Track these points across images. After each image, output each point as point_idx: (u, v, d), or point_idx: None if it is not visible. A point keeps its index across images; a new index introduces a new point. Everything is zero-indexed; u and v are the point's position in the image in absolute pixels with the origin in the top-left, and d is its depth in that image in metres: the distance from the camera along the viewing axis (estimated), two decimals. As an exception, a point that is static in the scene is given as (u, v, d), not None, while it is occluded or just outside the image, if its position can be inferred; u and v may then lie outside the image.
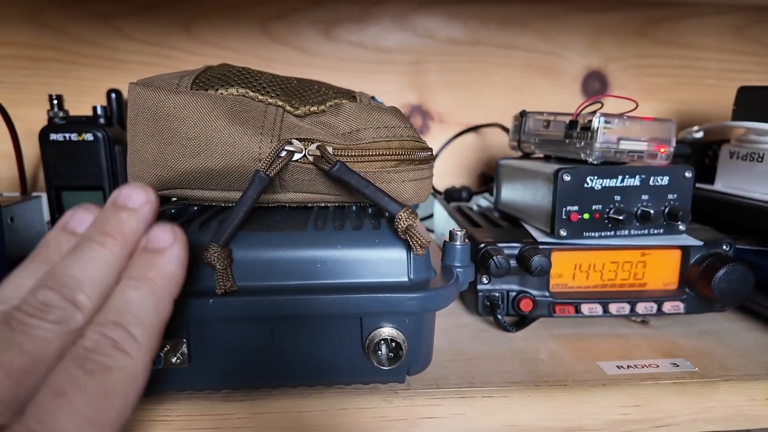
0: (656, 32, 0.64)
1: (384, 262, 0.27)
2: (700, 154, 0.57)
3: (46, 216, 0.57)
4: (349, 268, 0.27)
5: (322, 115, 0.31)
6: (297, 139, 0.29)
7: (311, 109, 0.31)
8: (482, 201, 0.56)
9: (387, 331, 0.27)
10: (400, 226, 0.26)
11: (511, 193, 0.44)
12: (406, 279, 0.27)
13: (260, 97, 0.31)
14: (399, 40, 0.61)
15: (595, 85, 0.64)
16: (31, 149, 0.60)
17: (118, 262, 0.22)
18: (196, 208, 0.33)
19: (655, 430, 0.29)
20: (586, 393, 0.29)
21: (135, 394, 0.20)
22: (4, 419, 0.17)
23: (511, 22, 0.62)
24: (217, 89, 0.31)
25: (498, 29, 0.62)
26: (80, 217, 0.23)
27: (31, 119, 0.59)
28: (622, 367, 0.32)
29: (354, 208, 0.33)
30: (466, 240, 0.31)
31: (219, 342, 0.27)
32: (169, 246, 0.22)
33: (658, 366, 0.32)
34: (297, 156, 0.29)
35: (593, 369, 0.31)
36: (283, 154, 0.29)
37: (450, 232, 0.31)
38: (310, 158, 0.29)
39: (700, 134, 0.54)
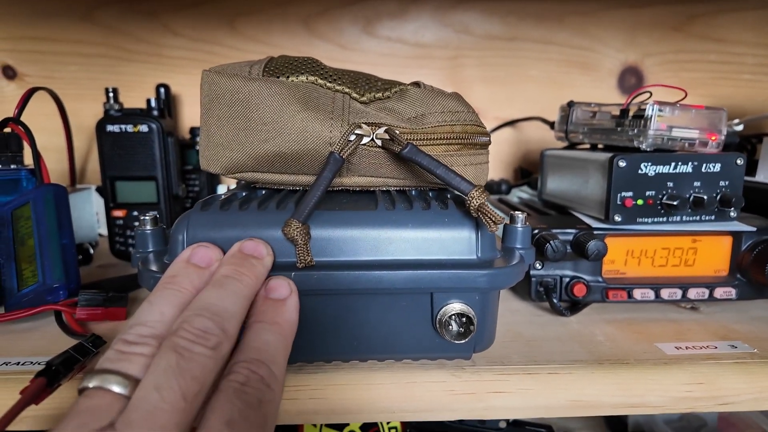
0: (693, 27, 0.64)
1: (453, 241, 0.28)
2: (740, 148, 0.57)
3: (95, 206, 0.59)
4: (420, 246, 0.28)
5: (387, 101, 0.32)
6: (365, 123, 0.30)
7: (376, 96, 0.32)
8: (522, 194, 0.57)
9: (458, 306, 0.28)
10: (472, 204, 0.27)
11: (558, 182, 0.45)
12: (474, 257, 0.28)
13: (328, 84, 0.32)
14: (437, 36, 0.62)
15: (632, 80, 0.64)
16: (80, 143, 0.62)
17: (250, 299, 0.25)
18: (264, 191, 0.34)
19: (718, 408, 0.29)
20: (648, 371, 0.29)
21: (275, 424, 0.23)
22: None
23: (547, 18, 0.62)
24: (288, 77, 0.32)
25: (535, 24, 0.63)
26: (203, 254, 0.26)
27: (81, 114, 0.61)
28: (680, 348, 0.32)
29: (414, 192, 0.34)
30: (527, 223, 0.32)
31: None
32: (288, 296, 0.26)
33: (716, 347, 0.32)
34: (365, 140, 0.30)
35: (652, 349, 0.32)
36: (353, 137, 0.30)
37: (511, 215, 0.32)
38: (378, 142, 0.30)
39: (740, 127, 0.54)
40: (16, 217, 0.37)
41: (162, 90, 0.56)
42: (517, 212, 0.32)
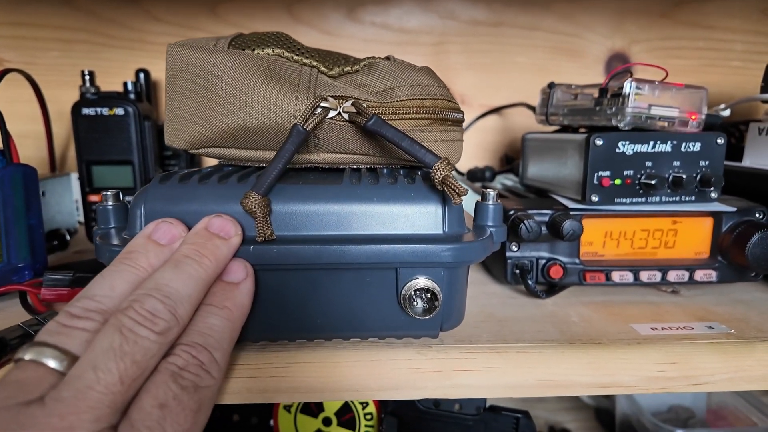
0: (680, 14, 0.63)
1: (419, 216, 0.28)
2: (726, 134, 0.56)
3: (75, 194, 0.58)
4: (385, 221, 0.27)
5: (355, 75, 0.32)
6: (332, 96, 0.30)
7: (345, 69, 0.32)
8: (506, 180, 0.56)
9: (423, 281, 0.27)
10: (437, 176, 0.26)
11: (539, 166, 0.44)
12: (441, 232, 0.28)
13: (295, 57, 0.32)
14: (422, 22, 0.62)
15: (619, 67, 0.63)
16: (59, 129, 0.62)
17: (209, 283, 0.24)
18: (231, 167, 0.33)
19: (692, 388, 0.28)
20: (621, 350, 0.29)
21: (211, 410, 0.23)
22: (115, 420, 0.19)
23: (534, 4, 0.62)
24: (254, 49, 0.31)
25: (521, 10, 0.62)
26: (165, 230, 0.25)
27: (62, 100, 0.60)
28: (656, 328, 0.31)
29: (385, 170, 0.33)
30: (498, 200, 0.31)
31: (257, 293, 0.27)
32: (243, 280, 0.25)
33: (693, 328, 0.32)
34: (332, 113, 0.30)
35: (626, 330, 0.31)
36: (318, 110, 0.29)
37: (482, 192, 0.31)
38: (345, 116, 0.30)
39: (727, 112, 0.53)
40: (-18, 198, 0.37)
41: (141, 75, 0.55)
42: (488, 189, 0.31)
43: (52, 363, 0.19)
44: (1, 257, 0.35)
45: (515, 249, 0.37)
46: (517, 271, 0.37)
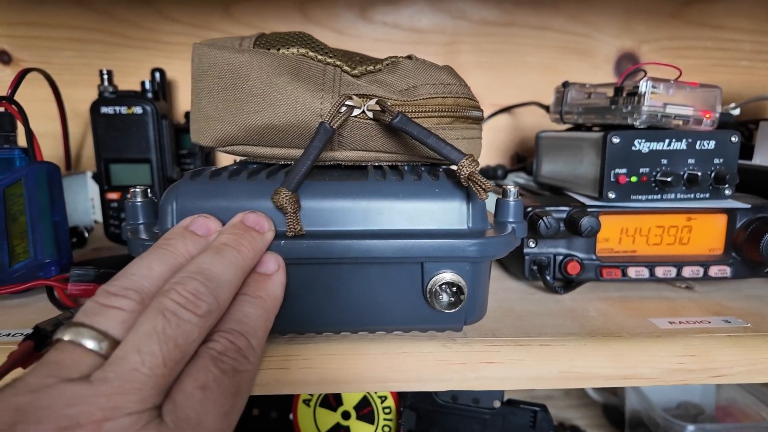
0: (689, 14, 0.64)
1: (444, 212, 0.28)
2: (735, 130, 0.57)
3: (90, 192, 0.59)
4: (411, 217, 0.28)
5: (378, 74, 0.32)
6: (356, 95, 0.30)
7: (367, 68, 0.32)
8: (518, 179, 0.57)
9: (449, 276, 0.27)
10: (463, 172, 0.27)
11: (553, 164, 0.45)
12: (465, 227, 0.28)
13: (319, 57, 0.32)
14: (433, 21, 0.62)
15: (628, 67, 0.64)
16: (75, 129, 0.62)
17: (246, 271, 0.25)
18: (255, 165, 0.34)
19: (711, 380, 0.29)
20: (640, 343, 0.29)
21: (249, 394, 0.23)
22: (159, 401, 0.19)
23: (544, 4, 0.62)
24: (279, 49, 0.32)
25: (531, 11, 0.62)
26: (202, 223, 0.26)
27: (76, 99, 0.61)
28: (673, 322, 0.32)
29: (407, 168, 0.33)
30: (519, 197, 0.31)
31: (286, 287, 0.28)
32: (275, 271, 0.26)
33: (710, 322, 0.32)
34: (356, 112, 0.30)
35: (645, 324, 0.32)
36: (343, 109, 0.30)
37: (503, 189, 0.32)
38: (369, 114, 0.30)
39: (737, 111, 0.54)
40: (9, 194, 0.37)
41: (157, 74, 0.56)
42: (508, 186, 0.31)
43: (89, 344, 0.20)
44: (28, 253, 0.36)
45: (533, 245, 0.38)
46: (535, 267, 0.38)
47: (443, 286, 0.28)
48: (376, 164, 0.34)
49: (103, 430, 0.17)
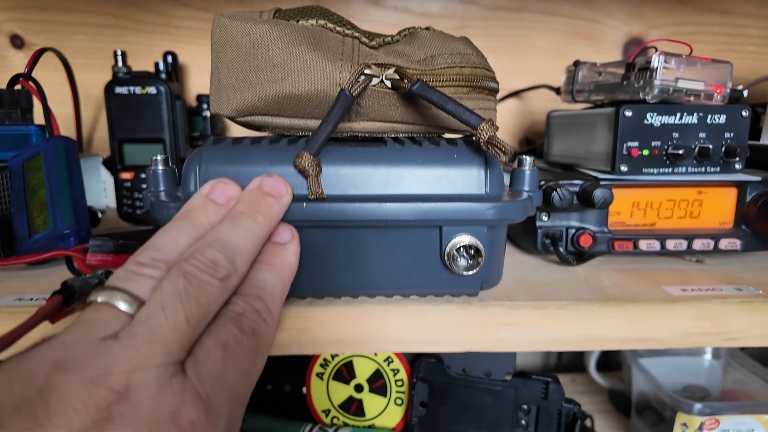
0: (697, -1, 0.65)
1: (462, 177, 0.29)
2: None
3: (102, 176, 0.59)
4: (429, 182, 0.28)
5: (396, 45, 0.33)
6: (375, 64, 0.31)
7: (385, 39, 0.33)
8: (526, 161, 0.57)
9: (467, 238, 0.28)
10: (482, 136, 0.27)
11: (564, 142, 0.45)
12: (483, 193, 0.29)
13: (338, 28, 0.33)
14: (443, 6, 0.63)
15: (645, 43, 0.64)
16: (86, 113, 0.63)
17: (262, 240, 0.25)
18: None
19: (725, 343, 0.29)
20: (655, 308, 0.30)
21: (267, 356, 0.24)
22: (182, 356, 0.20)
23: (552, -11, 0.63)
24: (298, 20, 0.32)
25: (540, -4, 0.63)
26: (222, 190, 0.26)
27: (89, 83, 0.61)
28: (686, 290, 0.32)
29: (423, 138, 0.34)
30: (535, 167, 0.32)
31: (305, 252, 0.28)
32: (289, 241, 0.26)
33: (722, 290, 0.33)
34: (375, 81, 0.31)
35: (658, 291, 0.32)
36: (362, 78, 0.30)
37: (518, 158, 0.32)
38: (388, 83, 0.31)
39: (744, 93, 0.54)
40: (28, 168, 0.38)
41: (169, 57, 0.56)
42: (525, 156, 0.32)
43: (122, 306, 0.20)
44: (47, 225, 0.37)
45: (545, 219, 0.38)
46: (548, 241, 0.38)
47: (461, 249, 0.28)
48: (393, 136, 0.34)
49: (132, 380, 0.18)
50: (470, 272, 0.28)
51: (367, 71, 0.30)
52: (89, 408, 0.16)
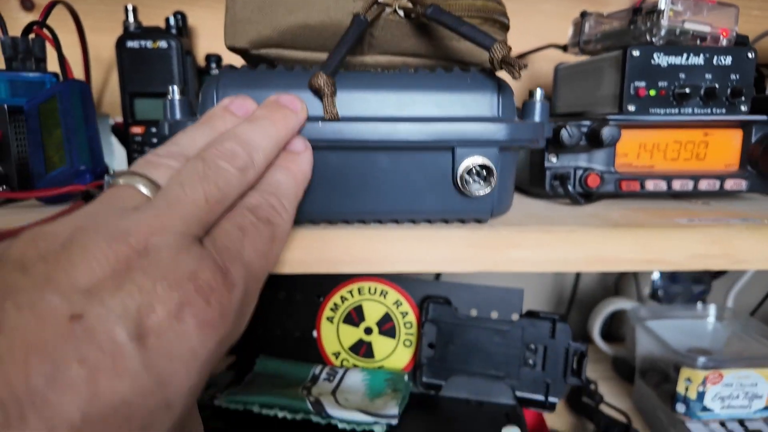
0: (702, -35, 0.65)
1: (475, 102, 0.29)
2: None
3: (111, 139, 0.60)
4: (443, 105, 0.29)
5: (408, -22, 0.33)
6: (388, -5, 0.31)
7: (398, -26, 0.33)
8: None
9: (480, 159, 0.28)
10: (496, 56, 0.28)
11: (572, 91, 0.46)
12: (495, 116, 0.29)
13: (351, -39, 0.33)
14: (450, -30, 0.63)
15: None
16: (96, 74, 0.63)
17: (279, 144, 0.25)
18: (288, 69, 0.34)
19: (733, 265, 0.30)
20: (664, 232, 0.30)
21: (282, 250, 0.25)
22: (200, 233, 0.20)
23: (559, -47, 0.63)
24: (311, -47, 0.33)
25: (546, -41, 0.63)
26: (240, 103, 0.27)
27: (98, 46, 0.61)
28: (693, 220, 0.33)
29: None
30: (546, 100, 0.32)
31: (318, 175, 0.28)
32: (303, 151, 0.27)
33: (728, 221, 0.33)
34: (388, 10, 0.31)
35: (668, 221, 0.33)
36: (375, 7, 0.31)
37: (530, 91, 0.33)
38: (401, 12, 0.31)
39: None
40: (44, 111, 0.38)
41: (179, 16, 0.57)
42: (535, 88, 0.32)
43: (143, 189, 0.21)
44: (64, 161, 0.37)
45: (554, 160, 0.39)
46: (556, 182, 0.39)
47: (474, 170, 0.29)
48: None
49: (151, 242, 0.18)
50: (483, 193, 0.28)
51: (380, 0, 0.31)
52: (110, 259, 0.17)
